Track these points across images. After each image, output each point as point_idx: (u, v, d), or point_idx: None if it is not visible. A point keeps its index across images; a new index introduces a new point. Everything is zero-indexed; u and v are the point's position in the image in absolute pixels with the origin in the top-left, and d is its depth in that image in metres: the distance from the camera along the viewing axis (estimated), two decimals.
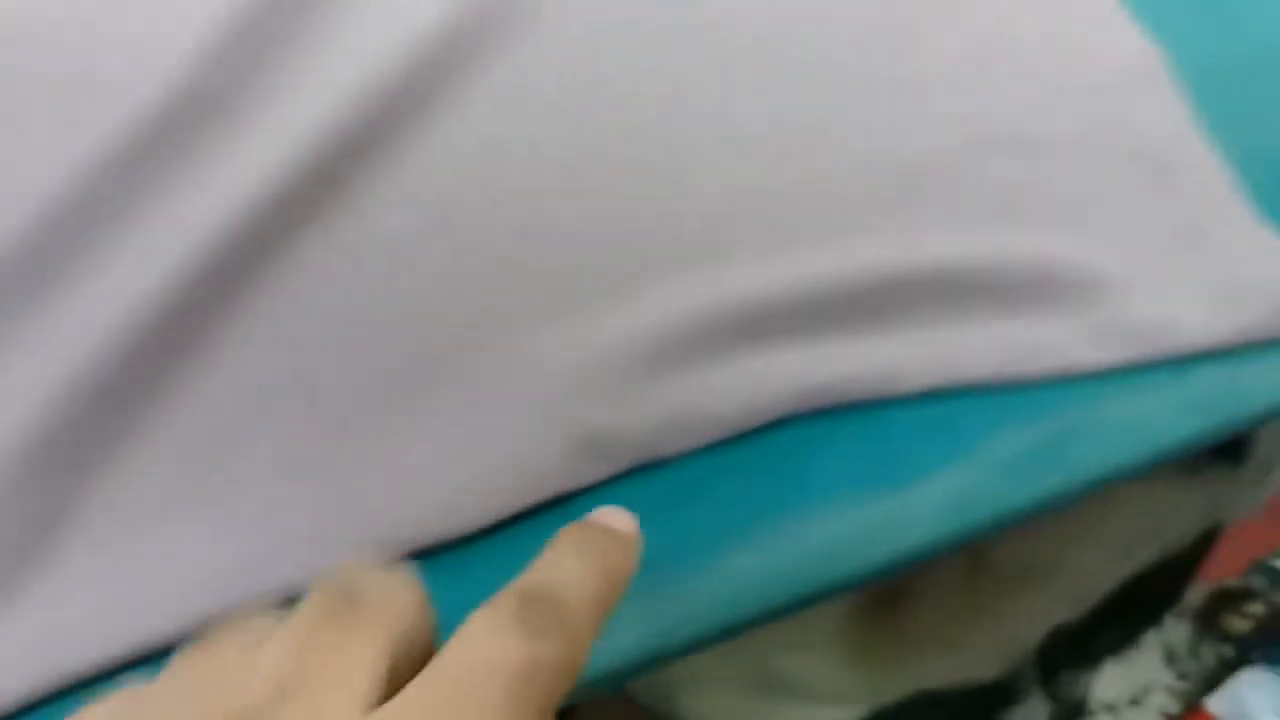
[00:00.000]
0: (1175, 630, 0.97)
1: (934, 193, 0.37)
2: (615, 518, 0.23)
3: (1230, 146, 0.38)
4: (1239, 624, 0.92)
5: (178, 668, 0.20)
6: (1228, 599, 0.93)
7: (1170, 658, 0.95)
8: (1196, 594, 0.90)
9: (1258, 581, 0.93)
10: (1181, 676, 0.95)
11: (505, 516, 0.31)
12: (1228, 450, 0.54)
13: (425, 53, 0.37)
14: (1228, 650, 0.95)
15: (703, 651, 0.31)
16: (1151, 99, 0.39)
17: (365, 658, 0.19)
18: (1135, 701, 0.92)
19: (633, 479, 0.32)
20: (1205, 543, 0.67)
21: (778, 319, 0.34)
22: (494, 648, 0.19)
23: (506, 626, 0.19)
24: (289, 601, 0.29)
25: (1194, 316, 0.34)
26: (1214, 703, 0.92)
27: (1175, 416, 0.34)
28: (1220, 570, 0.88)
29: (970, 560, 0.51)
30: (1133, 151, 0.37)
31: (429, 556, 0.31)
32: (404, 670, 0.20)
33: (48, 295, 0.33)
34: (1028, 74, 0.39)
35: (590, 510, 0.24)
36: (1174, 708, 0.92)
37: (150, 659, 0.30)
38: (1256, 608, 0.90)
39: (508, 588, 0.20)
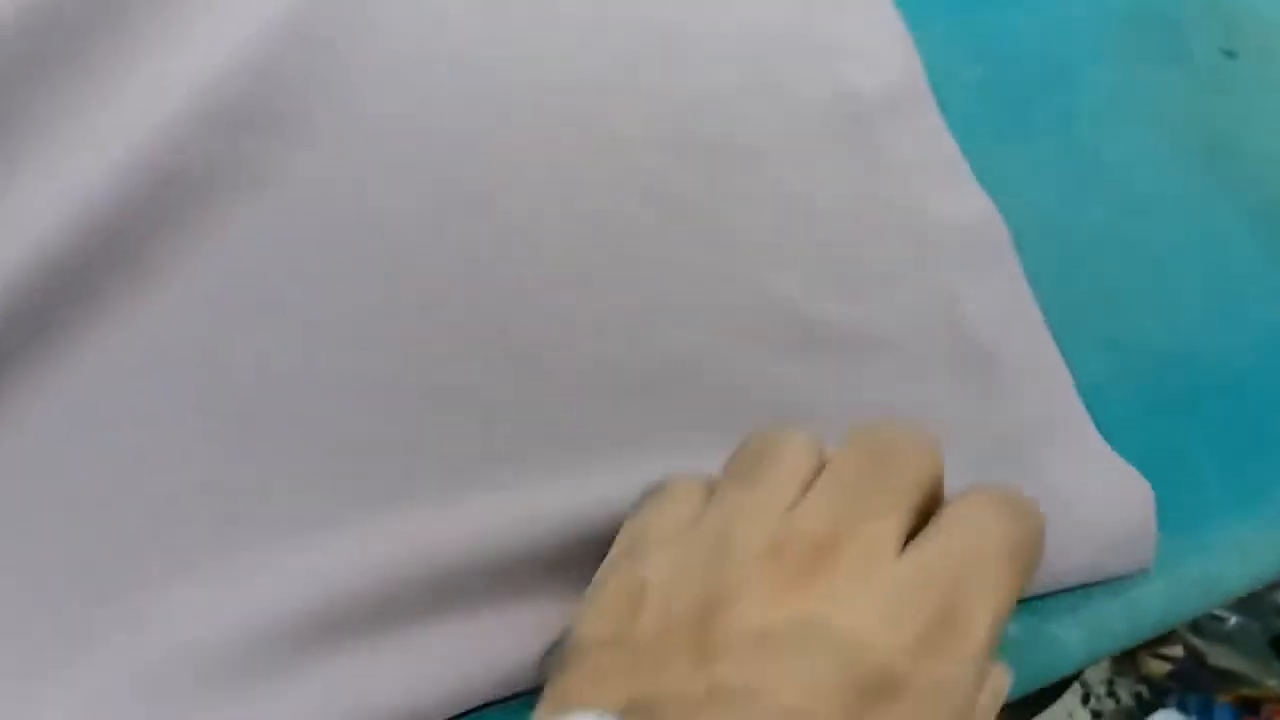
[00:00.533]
0: (1093, 669, 0.95)
1: (679, 406, 0.30)
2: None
3: (1079, 331, 0.34)
4: (1156, 665, 0.90)
5: (722, 504, 0.23)
6: (1146, 640, 0.90)
7: (1086, 696, 0.94)
8: None
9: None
10: (1096, 715, 0.93)
11: None
12: None
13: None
14: (1144, 690, 0.93)
15: None
16: (984, 275, 0.33)
17: (900, 507, 0.22)
18: None
19: None
20: None
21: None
22: (996, 519, 0.23)
23: (1001, 509, 0.23)
24: None
25: None
26: None
27: None
28: None
29: None
30: (955, 344, 0.32)
31: None
32: (919, 520, 0.23)
33: None
34: (835, 242, 0.33)
35: None
36: None
37: None
38: (1175, 650, 0.88)
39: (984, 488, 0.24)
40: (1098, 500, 0.30)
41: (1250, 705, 0.85)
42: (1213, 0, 0.41)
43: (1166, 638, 0.92)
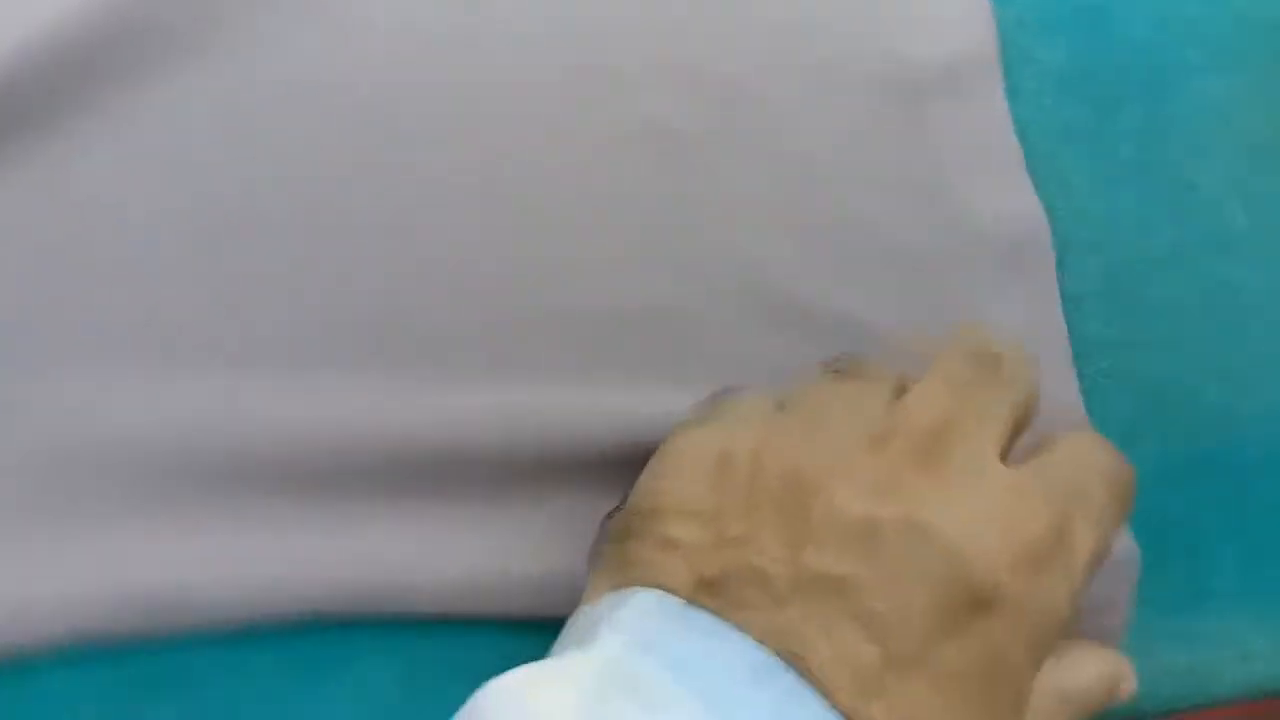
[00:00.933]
0: None
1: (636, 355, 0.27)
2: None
3: (1115, 367, 0.30)
4: None
5: (817, 389, 0.23)
6: None
7: None
8: None
9: None
10: None
11: None
12: None
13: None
14: None
15: None
16: (1009, 284, 0.29)
17: (1002, 415, 0.22)
18: None
19: None
20: None
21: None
22: (1101, 452, 0.23)
23: (1104, 444, 0.23)
24: None
25: None
26: None
27: None
28: None
29: None
30: None
31: None
32: (1017, 433, 0.23)
33: None
34: (844, 218, 0.29)
35: None
36: None
37: None
38: None
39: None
40: None
41: None
42: None
43: None
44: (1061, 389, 0.29)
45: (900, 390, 0.23)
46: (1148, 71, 0.33)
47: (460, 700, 0.18)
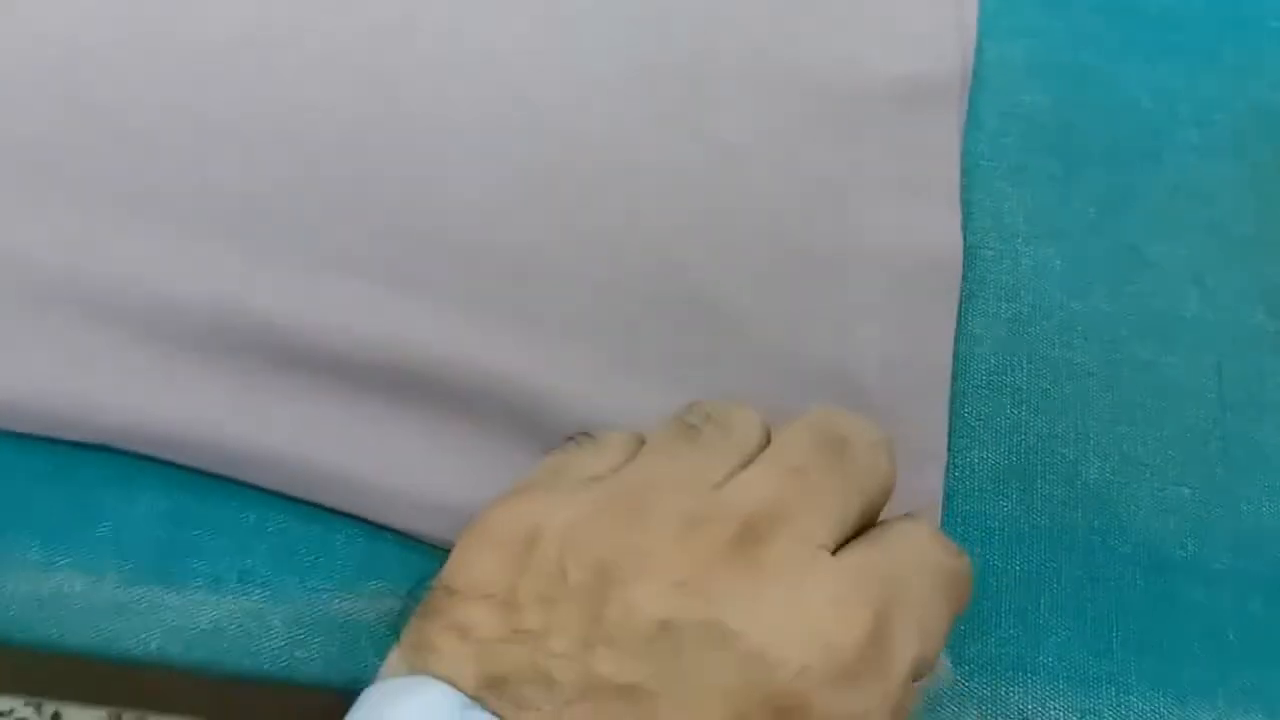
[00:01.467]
0: None
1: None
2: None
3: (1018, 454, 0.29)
4: None
5: (651, 460, 0.22)
6: None
7: None
8: None
9: None
10: None
11: None
12: None
13: None
14: None
15: None
16: (903, 317, 0.28)
17: (845, 508, 0.20)
18: None
19: None
20: None
21: None
22: (933, 547, 0.21)
23: (938, 538, 0.21)
24: None
25: None
26: None
27: None
28: None
29: None
30: (826, 376, 0.28)
31: None
32: (863, 525, 0.21)
33: None
34: (760, 226, 0.29)
35: None
36: None
37: None
38: None
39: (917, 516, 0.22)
40: None
41: None
42: None
43: None
44: (929, 423, 0.28)
45: (744, 463, 0.21)
46: (1135, 140, 0.32)
47: None
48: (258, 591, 0.25)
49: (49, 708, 0.26)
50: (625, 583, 0.18)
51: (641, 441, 0.23)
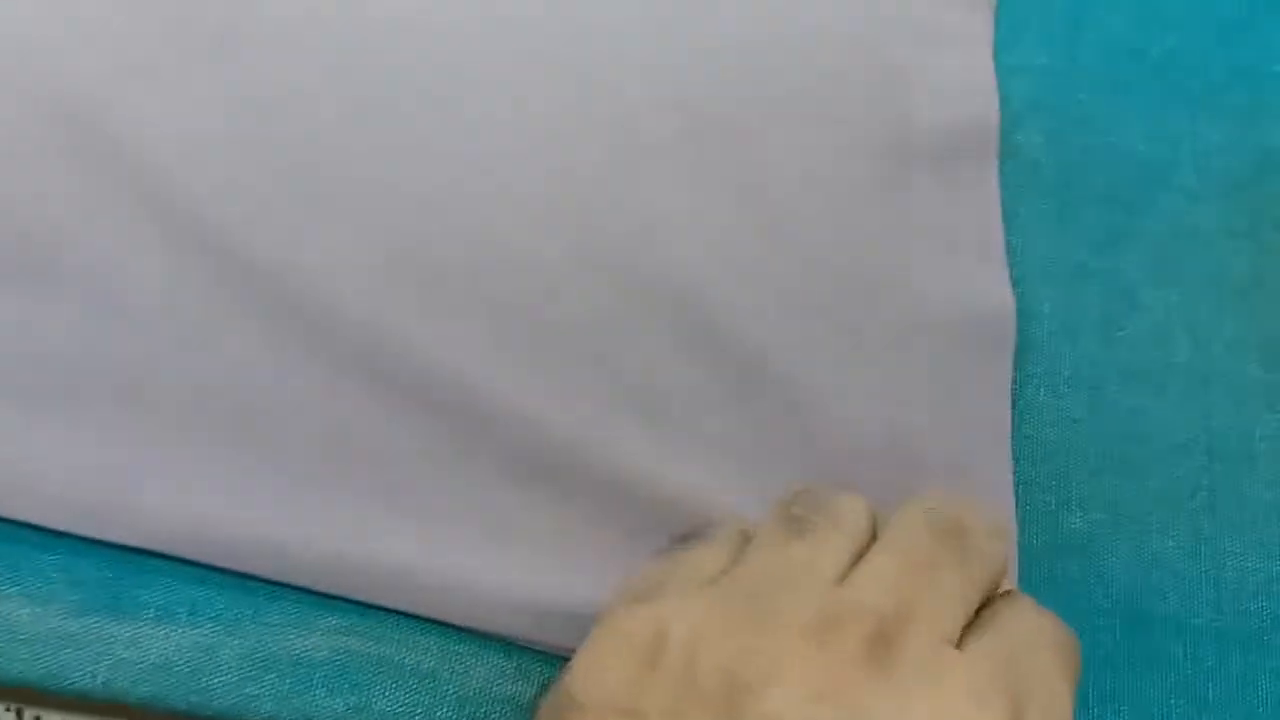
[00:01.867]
0: None
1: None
2: None
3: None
4: None
5: (764, 556, 0.21)
6: None
7: None
8: None
9: None
10: None
11: None
12: None
13: None
14: None
15: None
16: (961, 385, 0.27)
17: (963, 598, 0.20)
18: None
19: None
20: None
21: None
22: (1045, 623, 0.21)
23: (1046, 614, 0.21)
24: None
25: None
26: None
27: None
28: None
29: None
30: (880, 447, 0.27)
31: None
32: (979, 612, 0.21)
33: None
34: (796, 273, 0.28)
35: None
36: None
37: None
38: None
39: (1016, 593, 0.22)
40: None
41: None
42: None
43: None
44: (996, 489, 0.27)
45: (858, 554, 0.21)
46: (1130, 182, 0.31)
47: None
48: (208, 624, 0.25)
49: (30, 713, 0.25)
50: (757, 691, 0.18)
51: (746, 535, 0.22)
